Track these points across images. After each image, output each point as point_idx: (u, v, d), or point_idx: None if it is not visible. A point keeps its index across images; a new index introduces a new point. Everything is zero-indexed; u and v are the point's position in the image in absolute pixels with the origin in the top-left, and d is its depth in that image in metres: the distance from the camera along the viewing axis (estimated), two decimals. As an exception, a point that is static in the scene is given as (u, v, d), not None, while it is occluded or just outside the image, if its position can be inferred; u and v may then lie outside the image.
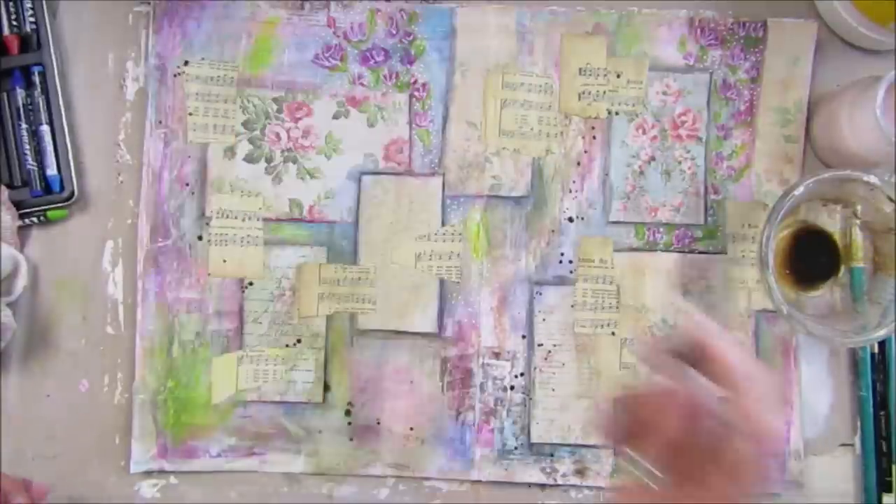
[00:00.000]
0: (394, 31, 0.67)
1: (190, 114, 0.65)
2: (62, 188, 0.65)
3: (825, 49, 0.68)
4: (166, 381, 0.64)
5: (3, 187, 0.63)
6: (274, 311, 0.65)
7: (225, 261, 0.65)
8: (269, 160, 0.66)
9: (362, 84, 0.66)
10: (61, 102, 0.65)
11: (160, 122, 0.65)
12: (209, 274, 0.65)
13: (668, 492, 0.44)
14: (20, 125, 0.65)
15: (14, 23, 0.65)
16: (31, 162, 0.64)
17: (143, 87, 0.66)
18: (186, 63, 0.66)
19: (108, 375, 0.65)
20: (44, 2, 0.65)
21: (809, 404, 0.66)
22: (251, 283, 0.65)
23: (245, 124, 0.66)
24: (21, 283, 0.62)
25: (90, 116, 0.66)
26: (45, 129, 0.65)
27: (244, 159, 0.66)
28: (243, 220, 0.65)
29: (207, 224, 0.65)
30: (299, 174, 0.66)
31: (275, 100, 0.66)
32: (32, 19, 0.65)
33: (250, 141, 0.66)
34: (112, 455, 0.64)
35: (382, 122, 0.66)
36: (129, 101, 0.66)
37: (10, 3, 0.65)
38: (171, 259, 0.65)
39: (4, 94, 0.65)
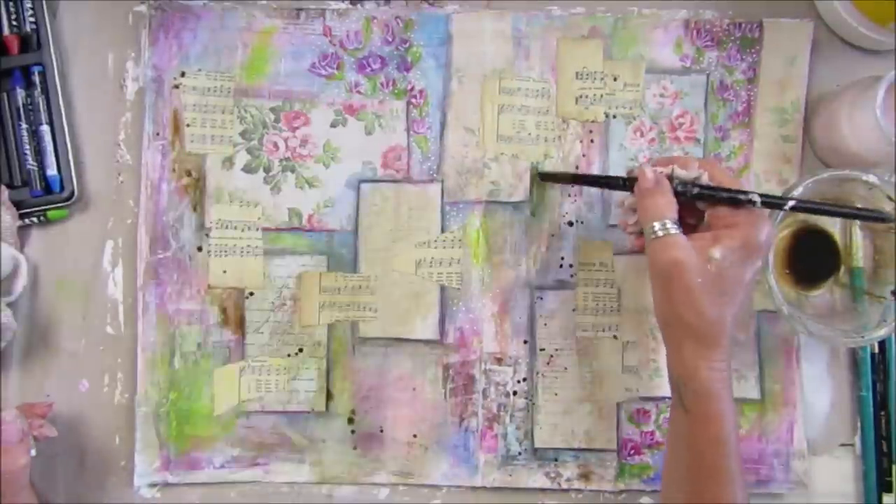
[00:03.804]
0: (390, 39, 0.66)
1: (188, 125, 0.65)
2: (62, 188, 0.65)
3: (825, 49, 0.68)
4: (168, 394, 0.64)
5: (3, 187, 0.63)
6: (275, 320, 0.65)
7: (225, 271, 0.65)
8: (267, 170, 0.66)
9: (359, 92, 0.66)
10: (61, 102, 0.65)
11: (157, 134, 0.65)
12: (209, 285, 0.65)
13: None
14: (20, 125, 0.64)
15: (14, 23, 0.65)
16: (31, 162, 0.64)
17: (142, 87, 0.66)
18: (183, 74, 0.65)
19: (108, 375, 0.65)
20: (44, 2, 0.65)
21: (810, 404, 0.66)
22: (251, 294, 0.65)
23: (243, 134, 0.66)
24: (21, 283, 0.62)
25: (90, 116, 0.66)
26: (45, 129, 0.65)
27: (242, 169, 0.66)
28: (243, 230, 0.65)
29: (207, 235, 0.65)
30: (298, 183, 0.66)
31: (272, 109, 0.66)
32: (32, 19, 0.65)
33: (248, 151, 0.66)
34: (112, 455, 0.64)
35: (380, 130, 0.66)
36: (129, 101, 0.66)
37: (10, 3, 0.65)
38: (171, 271, 0.65)
39: (4, 94, 0.65)
